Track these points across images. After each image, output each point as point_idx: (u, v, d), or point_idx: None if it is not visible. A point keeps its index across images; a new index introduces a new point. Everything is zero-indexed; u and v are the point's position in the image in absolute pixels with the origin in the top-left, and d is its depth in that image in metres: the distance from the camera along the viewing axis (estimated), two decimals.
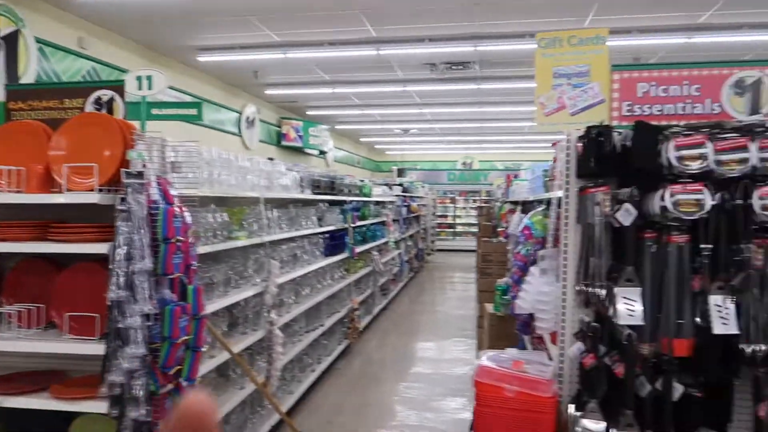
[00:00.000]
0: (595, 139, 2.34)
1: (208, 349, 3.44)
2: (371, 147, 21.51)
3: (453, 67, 9.13)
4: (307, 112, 13.66)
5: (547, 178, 4.06)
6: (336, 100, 12.20)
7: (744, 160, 2.10)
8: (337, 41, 7.85)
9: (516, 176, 8.17)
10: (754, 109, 2.46)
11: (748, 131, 2.15)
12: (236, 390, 3.93)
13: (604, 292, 2.31)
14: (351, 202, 7.52)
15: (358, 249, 7.55)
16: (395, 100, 11.94)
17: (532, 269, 2.98)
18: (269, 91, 11.14)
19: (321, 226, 6.07)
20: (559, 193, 2.67)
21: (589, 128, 2.35)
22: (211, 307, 3.35)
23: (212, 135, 9.85)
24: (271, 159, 6.22)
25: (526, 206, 5.73)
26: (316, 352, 6.04)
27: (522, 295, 3.02)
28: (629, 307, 2.20)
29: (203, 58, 8.50)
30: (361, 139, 19.20)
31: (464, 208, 22.24)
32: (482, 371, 2.39)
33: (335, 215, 6.66)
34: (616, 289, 2.22)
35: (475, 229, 17.53)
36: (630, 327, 2.19)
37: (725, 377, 2.27)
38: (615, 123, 2.55)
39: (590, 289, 2.37)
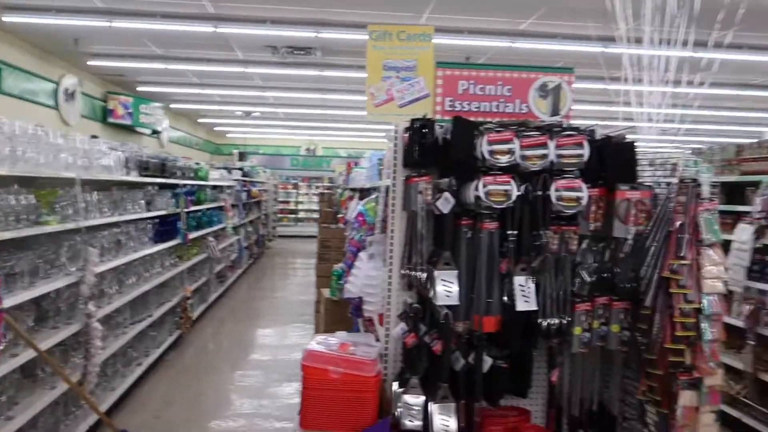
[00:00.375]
0: (419, 131, 2.47)
1: (8, 347, 3.07)
2: (211, 129, 20.57)
3: (295, 52, 9.03)
4: (138, 88, 12.64)
5: (382, 167, 4.21)
6: (170, 77, 11.45)
7: (544, 156, 2.36)
8: (170, 14, 7.36)
9: (356, 164, 8.35)
10: (555, 111, 2.77)
11: (548, 130, 2.41)
12: (46, 390, 3.56)
13: (425, 275, 2.46)
14: (185, 185, 7.14)
15: (192, 235, 7.21)
16: (236, 81, 11.53)
17: (361, 254, 3.07)
18: (93, 62, 10.11)
19: (150, 210, 5.70)
20: (388, 182, 2.78)
21: (413, 120, 2.47)
22: (11, 300, 2.99)
23: (21, 106, 8.71)
24: (95, 137, 5.69)
25: (364, 193, 5.90)
26: (144, 345, 5.68)
27: (351, 279, 3.10)
28: (447, 288, 2.36)
29: (10, 19, 7.46)
30: (200, 120, 18.26)
31: (307, 194, 22.25)
32: (309, 355, 2.42)
33: (166, 199, 6.28)
34: (435, 272, 2.38)
35: (317, 216, 17.63)
36: (447, 307, 2.36)
37: (526, 349, 2.55)
38: (438, 117, 2.71)
39: (413, 273, 2.51)
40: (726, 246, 4.00)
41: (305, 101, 13.67)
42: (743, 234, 4.38)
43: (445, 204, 2.39)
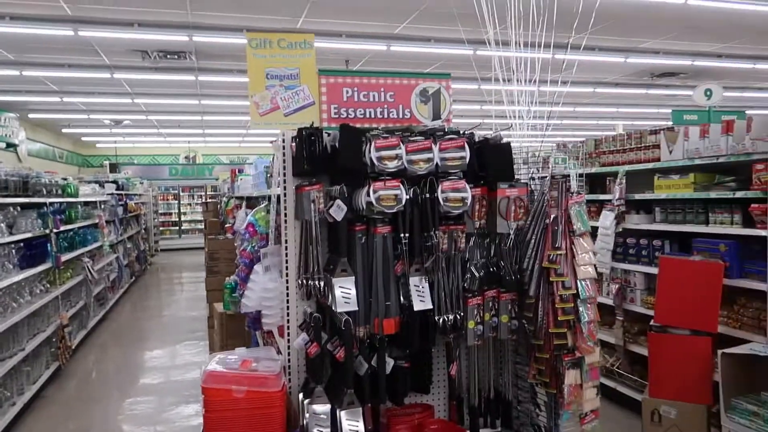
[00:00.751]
0: (308, 139, 2.47)
1: None
2: (77, 139, 19.06)
3: (168, 56, 8.63)
4: None
5: (269, 175, 4.15)
6: (26, 85, 10.48)
7: (429, 160, 2.45)
8: (21, 16, 6.74)
9: (240, 171, 8.13)
10: (436, 115, 2.89)
11: (431, 135, 2.51)
12: None
13: (323, 283, 2.47)
14: (52, 204, 6.57)
15: (65, 257, 6.66)
16: (102, 88, 10.78)
17: (257, 267, 3.02)
18: None
19: (12, 234, 5.18)
20: (278, 190, 2.75)
21: (300, 129, 2.46)
22: None
23: None
24: None
25: (252, 202, 5.77)
26: (17, 382, 5.16)
27: (248, 293, 3.04)
28: (345, 294, 2.39)
29: None
30: (64, 131, 16.85)
31: (189, 204, 21.31)
32: (209, 376, 2.34)
33: (31, 220, 5.75)
34: (333, 280, 2.39)
35: (202, 226, 16.96)
36: (347, 313, 2.38)
37: (425, 347, 2.64)
38: (325, 125, 2.72)
39: (311, 282, 2.51)
40: (593, 232, 4.39)
41: (181, 107, 13.08)
42: (606, 220, 4.83)
43: (338, 211, 2.41)
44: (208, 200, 16.91)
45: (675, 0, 6.45)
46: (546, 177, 2.72)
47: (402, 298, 2.51)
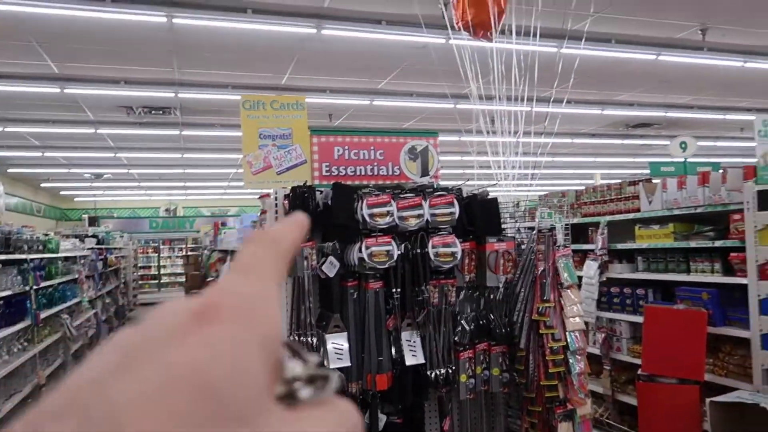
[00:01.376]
0: (300, 197, 2.52)
1: None
2: (56, 193, 18.92)
3: (153, 112, 8.73)
4: None
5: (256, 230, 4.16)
6: (7, 140, 10.47)
7: (420, 216, 2.51)
8: (8, 74, 6.81)
9: (223, 223, 8.13)
10: (425, 172, 2.97)
11: (421, 191, 2.58)
12: None
13: (315, 339, 2.47)
14: (33, 260, 6.47)
15: (44, 314, 6.51)
16: (85, 142, 10.81)
17: None
18: None
19: None
20: None
21: (293, 188, 2.52)
22: None
23: None
24: None
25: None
26: None
27: None
28: (338, 350, 2.39)
29: None
30: (43, 185, 16.74)
31: (170, 257, 21.05)
32: None
33: (11, 277, 5.65)
34: (325, 336, 2.40)
35: (182, 279, 16.74)
36: (339, 369, 2.37)
37: (418, 401, 2.62)
38: (317, 182, 2.78)
39: (302, 339, 2.51)
40: (578, 283, 4.44)
41: (163, 161, 13.13)
42: (590, 270, 4.91)
43: (331, 268, 2.44)
44: (189, 253, 16.76)
45: (647, 56, 6.77)
46: (533, 229, 2.79)
47: (394, 353, 2.51)
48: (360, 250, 2.41)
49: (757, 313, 3.54)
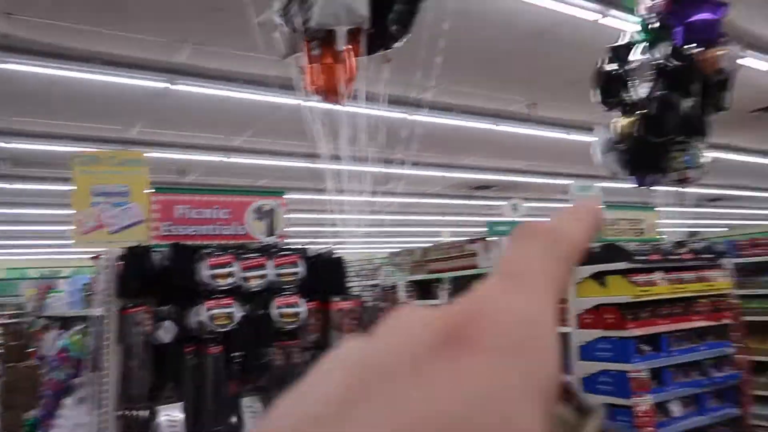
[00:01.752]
0: (136, 258, 2.38)
1: None
2: None
3: None
4: None
5: (88, 293, 3.82)
6: None
7: (263, 276, 2.48)
8: None
9: (52, 287, 7.34)
10: (271, 231, 2.95)
11: (266, 251, 2.56)
12: None
13: (147, 413, 2.29)
14: None
15: None
16: None
17: (67, 401, 2.70)
18: None
19: None
20: (99, 311, 2.56)
21: (129, 249, 2.37)
22: None
23: None
24: None
25: (67, 322, 5.19)
26: None
27: (56, 431, 2.68)
28: (171, 423, 2.23)
29: None
30: None
31: None
32: None
33: None
34: (158, 408, 2.23)
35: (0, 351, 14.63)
36: None
37: None
38: (155, 242, 2.64)
39: (132, 413, 2.31)
40: None
41: None
42: None
43: (166, 333, 2.31)
44: (9, 320, 14.76)
45: (484, 125, 7.41)
46: (377, 286, 2.87)
47: (236, 420, 2.40)
48: (199, 313, 2.31)
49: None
